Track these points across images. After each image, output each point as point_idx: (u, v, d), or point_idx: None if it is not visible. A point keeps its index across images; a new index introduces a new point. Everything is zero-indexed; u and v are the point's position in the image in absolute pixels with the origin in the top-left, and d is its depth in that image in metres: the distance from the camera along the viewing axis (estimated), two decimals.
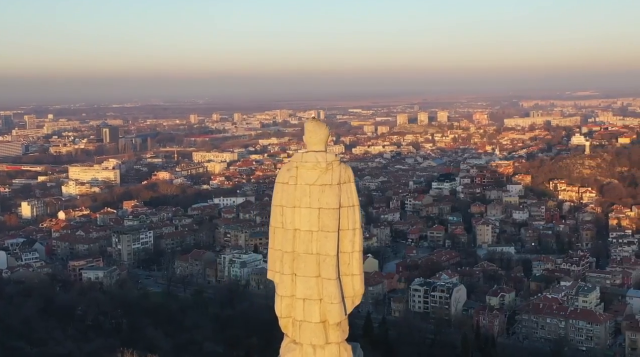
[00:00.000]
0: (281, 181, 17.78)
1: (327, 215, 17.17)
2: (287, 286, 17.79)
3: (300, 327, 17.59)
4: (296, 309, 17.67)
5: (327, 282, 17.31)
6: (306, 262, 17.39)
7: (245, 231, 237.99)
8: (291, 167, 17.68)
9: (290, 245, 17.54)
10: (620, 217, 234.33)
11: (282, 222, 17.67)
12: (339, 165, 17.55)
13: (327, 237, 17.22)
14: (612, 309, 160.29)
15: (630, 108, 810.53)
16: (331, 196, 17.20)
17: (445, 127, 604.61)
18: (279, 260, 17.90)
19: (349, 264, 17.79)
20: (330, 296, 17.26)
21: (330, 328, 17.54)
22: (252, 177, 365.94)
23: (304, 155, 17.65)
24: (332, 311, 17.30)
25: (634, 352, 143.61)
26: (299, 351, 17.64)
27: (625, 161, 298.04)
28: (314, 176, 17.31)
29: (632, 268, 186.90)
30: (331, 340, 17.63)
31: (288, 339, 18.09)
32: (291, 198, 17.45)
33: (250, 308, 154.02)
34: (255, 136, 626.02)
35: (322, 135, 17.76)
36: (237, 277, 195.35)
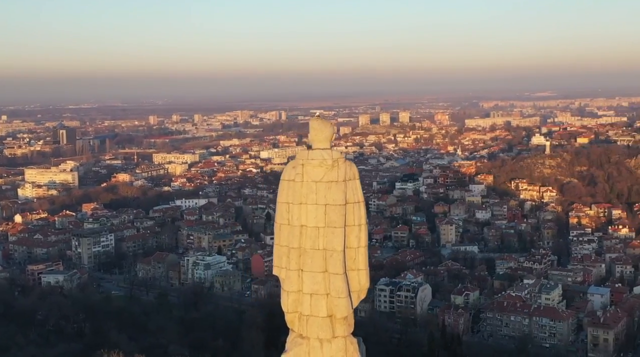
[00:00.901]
0: (287, 178, 18.09)
1: (334, 211, 17.40)
2: (293, 281, 17.94)
3: (307, 321, 17.79)
4: (303, 304, 17.82)
5: (335, 277, 17.52)
6: (313, 258, 17.58)
7: (208, 233, 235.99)
8: (297, 164, 17.99)
9: (297, 241, 17.80)
10: (580, 216, 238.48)
11: (288, 219, 18.02)
12: (344, 163, 17.80)
13: (334, 233, 17.42)
14: (574, 306, 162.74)
15: (588, 109, 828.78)
16: (337, 192, 17.45)
17: (407, 127, 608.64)
18: (285, 256, 18.15)
19: (355, 259, 18.01)
20: (338, 291, 17.49)
21: (337, 322, 17.77)
22: (214, 179, 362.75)
23: (310, 152, 17.93)
24: (340, 305, 17.56)
25: (595, 348, 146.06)
26: (306, 345, 17.85)
27: (584, 161, 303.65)
28: (321, 173, 17.59)
29: (592, 266, 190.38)
30: (338, 334, 17.84)
31: (294, 334, 18.23)
32: (297, 195, 17.76)
33: (215, 311, 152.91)
34: (217, 137, 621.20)
35: (327, 133, 18.12)
36: (201, 280, 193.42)
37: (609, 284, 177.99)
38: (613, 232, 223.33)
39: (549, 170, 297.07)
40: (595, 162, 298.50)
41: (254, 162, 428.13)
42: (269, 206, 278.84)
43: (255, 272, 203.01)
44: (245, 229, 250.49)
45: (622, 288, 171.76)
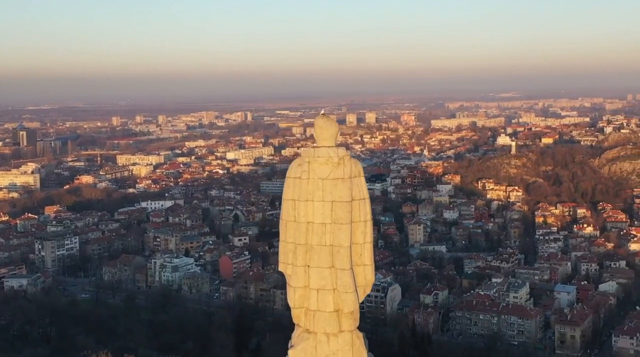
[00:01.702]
0: (293, 175, 18.22)
1: (341, 208, 17.63)
2: (300, 277, 18.12)
3: (314, 316, 18.01)
4: (310, 300, 18.03)
5: (342, 272, 17.73)
6: (320, 254, 17.79)
7: (175, 235, 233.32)
8: (302, 162, 18.23)
9: (304, 237, 17.91)
10: (546, 215, 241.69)
11: (294, 216, 18.04)
12: (349, 160, 18.08)
13: (341, 229, 17.65)
14: (541, 303, 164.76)
15: (552, 109, 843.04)
16: (344, 189, 17.71)
17: (373, 128, 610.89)
18: (291, 252, 18.22)
19: (361, 254, 18.34)
20: (345, 286, 17.70)
21: (344, 317, 17.99)
22: (179, 180, 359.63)
23: (316, 150, 18.11)
24: (347, 300, 17.75)
25: (562, 345, 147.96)
26: (313, 340, 18.08)
27: (549, 161, 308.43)
28: (327, 170, 17.80)
29: (558, 264, 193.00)
30: (344, 328, 18.07)
31: (301, 329, 18.50)
32: (304, 192, 17.88)
33: (184, 313, 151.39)
34: (182, 138, 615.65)
35: (332, 131, 18.24)
36: (169, 282, 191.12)
37: (575, 281, 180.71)
38: (578, 230, 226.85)
39: (515, 170, 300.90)
40: (560, 162, 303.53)
41: (220, 164, 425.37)
42: (237, 207, 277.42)
43: (224, 274, 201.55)
44: (213, 230, 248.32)
45: (588, 286, 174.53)
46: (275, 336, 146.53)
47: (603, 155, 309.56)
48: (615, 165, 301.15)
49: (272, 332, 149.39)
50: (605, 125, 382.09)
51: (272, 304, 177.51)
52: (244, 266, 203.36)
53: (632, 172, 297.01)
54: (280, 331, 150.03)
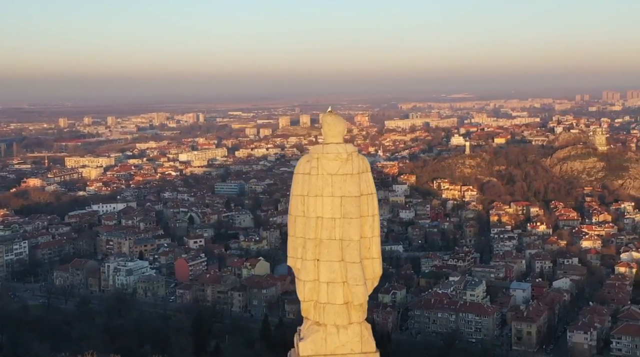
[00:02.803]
0: (301, 171, 18.55)
1: (350, 203, 18.10)
2: (310, 271, 18.53)
3: (324, 309, 18.40)
4: (320, 293, 18.42)
5: (351, 265, 18.13)
6: (330, 248, 18.18)
7: (129, 238, 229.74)
8: (311, 158, 18.47)
9: (313, 232, 18.32)
10: (500, 214, 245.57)
11: (303, 211, 18.47)
12: (357, 156, 18.49)
13: (351, 223, 18.08)
14: (497, 301, 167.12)
15: (503, 110, 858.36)
16: (352, 184, 18.18)
17: None
18: (300, 247, 18.71)
19: (369, 248, 18.74)
20: (355, 278, 18.13)
21: (354, 309, 18.45)
22: (131, 183, 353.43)
23: (324, 146, 18.43)
24: (357, 292, 18.21)
25: (519, 341, 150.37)
26: (323, 332, 18.45)
27: (502, 160, 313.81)
28: (336, 166, 18.17)
29: (513, 262, 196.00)
30: (353, 320, 18.52)
31: (310, 322, 18.83)
32: (313, 188, 18.28)
33: (140, 317, 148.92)
34: (132, 140, 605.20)
35: (340, 127, 18.63)
36: (124, 286, 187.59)
37: (530, 279, 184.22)
38: (532, 229, 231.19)
39: (469, 170, 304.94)
40: (513, 161, 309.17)
41: (172, 165, 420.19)
42: (191, 210, 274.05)
43: (180, 277, 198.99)
44: (168, 233, 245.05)
45: (543, 283, 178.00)
46: (234, 339, 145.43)
47: (554, 154, 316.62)
48: (567, 165, 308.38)
49: (231, 334, 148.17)
50: (556, 126, 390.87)
51: (229, 307, 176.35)
52: (200, 269, 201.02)
53: (582, 171, 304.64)
54: (239, 333, 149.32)
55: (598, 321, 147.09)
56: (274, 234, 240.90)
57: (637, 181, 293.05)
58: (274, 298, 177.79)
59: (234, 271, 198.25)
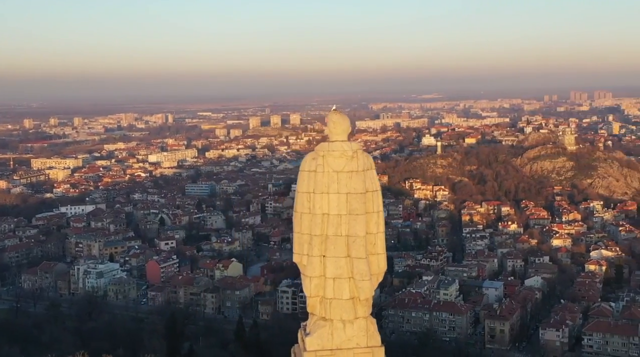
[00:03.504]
0: (307, 169, 18.84)
1: (356, 199, 18.46)
2: (316, 267, 18.75)
3: (331, 304, 18.69)
4: (326, 288, 18.72)
5: (358, 261, 18.48)
6: (336, 244, 18.50)
7: (99, 240, 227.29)
8: (317, 156, 18.80)
9: (319, 228, 18.57)
10: (472, 213, 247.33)
11: (309, 208, 18.72)
12: (362, 154, 18.90)
13: (357, 219, 18.43)
14: (470, 300, 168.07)
15: (472, 110, 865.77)
16: (358, 181, 18.56)
17: (299, 129, 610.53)
18: (306, 243, 18.85)
19: (374, 244, 19.05)
20: (362, 274, 18.46)
21: (360, 303, 18.76)
22: (100, 184, 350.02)
23: (330, 144, 18.77)
24: (364, 287, 18.53)
25: (493, 340, 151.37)
26: (329, 327, 18.76)
27: (473, 160, 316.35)
28: (342, 164, 18.54)
29: (485, 261, 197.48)
30: (359, 314, 18.86)
31: (315, 317, 19.11)
32: (319, 185, 18.59)
33: (112, 320, 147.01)
34: (100, 141, 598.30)
35: (345, 125, 19.10)
36: (94, 289, 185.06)
37: (502, 277, 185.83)
38: (503, 228, 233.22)
39: (441, 170, 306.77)
40: (484, 161, 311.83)
41: (142, 166, 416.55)
42: (162, 211, 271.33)
43: (151, 279, 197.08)
44: (138, 235, 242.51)
45: (514, 281, 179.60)
46: (208, 340, 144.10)
47: (525, 154, 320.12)
48: (537, 164, 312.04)
49: (205, 336, 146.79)
50: (525, 126, 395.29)
51: (202, 308, 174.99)
52: (172, 270, 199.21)
53: (552, 170, 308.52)
54: (213, 335, 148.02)
55: (569, 319, 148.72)
56: (246, 235, 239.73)
57: (606, 180, 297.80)
58: (248, 299, 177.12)
59: (206, 272, 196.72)
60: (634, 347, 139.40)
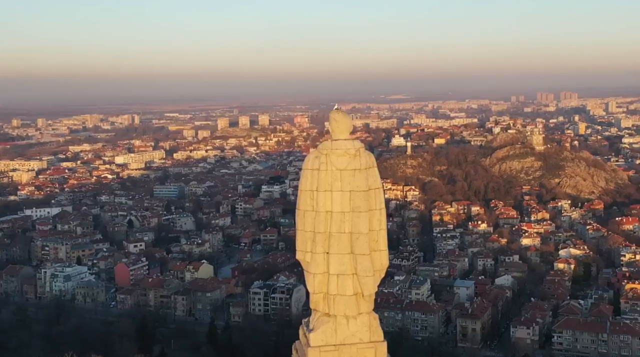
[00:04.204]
0: (310, 167, 19.11)
1: (359, 197, 18.79)
2: (319, 263, 18.99)
3: (334, 300, 18.94)
4: (330, 285, 18.94)
5: (361, 257, 18.79)
6: (339, 241, 18.76)
7: (65, 243, 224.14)
8: (320, 154, 19.09)
9: (323, 226, 18.84)
10: (442, 213, 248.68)
11: (312, 206, 19.04)
12: (364, 152, 19.28)
13: (360, 217, 18.75)
14: (442, 299, 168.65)
15: (441, 111, 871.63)
16: (361, 179, 18.92)
17: (268, 130, 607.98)
18: (309, 240, 19.10)
19: (377, 240, 19.38)
20: (365, 270, 18.79)
21: (363, 299, 19.11)
22: (65, 186, 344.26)
23: (333, 143, 19.04)
24: (367, 283, 18.86)
25: (464, 338, 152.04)
26: (333, 322, 19.00)
27: (443, 160, 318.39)
28: (345, 162, 18.85)
29: (456, 260, 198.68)
30: (362, 310, 19.21)
31: (319, 313, 19.32)
32: (323, 183, 18.86)
33: (82, 323, 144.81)
34: (65, 143, 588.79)
35: (347, 124, 19.52)
36: (62, 292, 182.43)
37: (473, 276, 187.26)
38: (473, 227, 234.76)
39: (411, 170, 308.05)
40: (453, 161, 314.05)
41: (109, 168, 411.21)
42: (130, 213, 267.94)
43: (120, 282, 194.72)
44: (106, 237, 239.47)
45: (485, 280, 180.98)
46: (180, 343, 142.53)
47: (493, 154, 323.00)
48: (505, 164, 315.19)
49: (176, 339, 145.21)
50: (493, 126, 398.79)
51: (173, 311, 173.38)
52: (142, 273, 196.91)
53: (520, 170, 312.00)
54: (184, 338, 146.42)
55: (539, 316, 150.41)
56: (216, 237, 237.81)
57: (573, 179, 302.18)
58: (219, 301, 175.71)
59: (176, 274, 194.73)
60: (603, 344, 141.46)
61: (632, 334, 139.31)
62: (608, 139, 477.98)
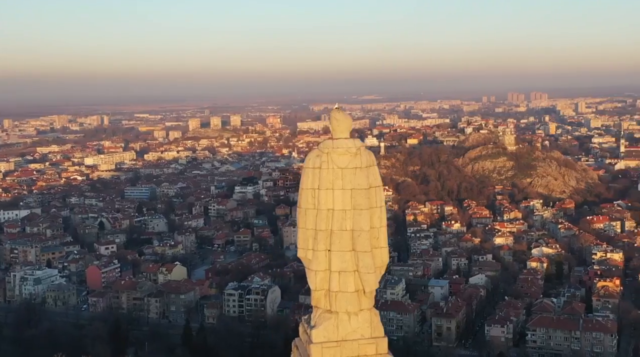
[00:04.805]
0: (311, 166, 19.41)
1: (360, 195, 19.05)
2: (321, 261, 19.27)
3: (336, 297, 19.22)
4: (331, 282, 19.24)
5: (363, 254, 19.05)
6: (341, 239, 19.06)
7: (35, 246, 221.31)
8: (321, 153, 19.38)
9: (324, 224, 19.12)
10: (416, 213, 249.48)
11: (314, 204, 19.30)
12: (365, 150, 19.50)
13: (361, 214, 19.02)
14: (417, 298, 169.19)
15: (413, 111, 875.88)
16: (362, 177, 19.14)
17: (240, 131, 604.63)
18: (311, 238, 19.36)
19: (377, 237, 19.58)
20: (367, 267, 19.06)
21: (364, 296, 19.31)
22: (34, 188, 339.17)
23: (334, 141, 19.36)
24: (369, 280, 19.11)
25: (439, 337, 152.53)
26: (335, 319, 19.26)
27: (416, 161, 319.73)
28: (346, 160, 19.13)
29: (430, 260, 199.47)
30: (364, 307, 19.41)
31: (320, 310, 19.63)
32: (324, 181, 19.17)
33: (54, 327, 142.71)
34: (32, 144, 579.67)
35: (348, 123, 19.80)
36: (32, 296, 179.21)
37: (447, 276, 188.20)
38: (447, 227, 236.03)
39: (385, 171, 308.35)
40: (426, 161, 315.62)
41: (78, 170, 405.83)
42: (101, 215, 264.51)
43: (91, 285, 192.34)
44: (77, 240, 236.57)
45: (459, 279, 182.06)
46: (154, 345, 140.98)
47: (466, 154, 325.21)
48: (478, 164, 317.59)
49: (150, 341, 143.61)
50: (466, 126, 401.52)
51: (146, 313, 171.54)
52: (114, 275, 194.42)
53: (493, 170, 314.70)
54: (158, 340, 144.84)
55: (513, 315, 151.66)
56: (189, 238, 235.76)
57: (545, 179, 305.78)
58: (193, 303, 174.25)
59: (149, 276, 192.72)
60: (576, 341, 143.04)
61: (604, 331, 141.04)
62: (578, 139, 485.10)
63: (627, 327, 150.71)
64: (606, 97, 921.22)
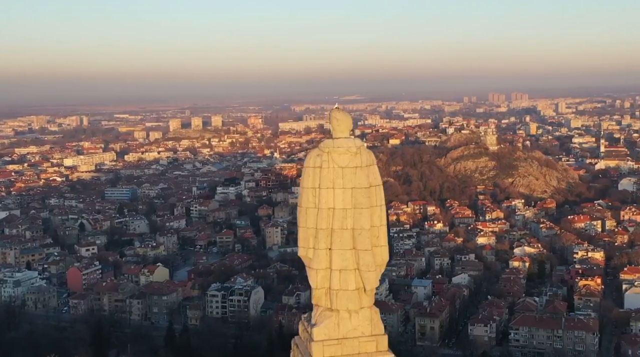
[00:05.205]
0: (312, 165, 19.54)
1: (361, 194, 19.26)
2: (322, 259, 19.42)
3: (337, 295, 19.37)
4: (332, 280, 19.38)
5: (364, 253, 19.21)
6: (342, 237, 19.24)
7: (14, 248, 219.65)
8: (321, 152, 19.55)
9: (325, 222, 19.29)
10: (399, 213, 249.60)
11: (314, 203, 19.45)
12: (365, 150, 19.77)
13: (362, 213, 19.21)
14: (400, 298, 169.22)
15: (395, 111, 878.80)
16: (362, 176, 19.35)
17: (221, 131, 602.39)
18: (312, 237, 19.52)
19: (378, 236, 19.76)
20: (367, 265, 19.22)
21: (365, 294, 19.48)
22: (12, 190, 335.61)
23: (335, 141, 19.58)
24: (370, 278, 19.27)
25: (423, 337, 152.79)
26: (335, 317, 19.43)
27: (399, 161, 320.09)
28: (346, 160, 19.34)
29: (413, 260, 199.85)
30: (364, 304, 19.57)
31: (321, 308, 19.77)
32: (324, 180, 19.32)
33: (34, 330, 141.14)
34: (10, 145, 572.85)
35: (348, 123, 20.03)
36: (11, 298, 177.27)
37: (430, 276, 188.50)
38: (429, 227, 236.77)
39: None
40: (409, 162, 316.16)
41: (57, 171, 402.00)
42: (81, 216, 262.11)
43: (72, 287, 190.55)
44: (57, 241, 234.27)
45: (442, 279, 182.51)
46: (137, 347, 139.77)
47: (448, 154, 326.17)
48: (460, 164, 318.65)
49: (133, 343, 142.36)
50: (447, 126, 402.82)
51: (128, 315, 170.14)
52: (95, 277, 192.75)
53: (475, 170, 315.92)
54: (141, 342, 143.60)
55: (496, 314, 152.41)
56: (171, 239, 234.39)
57: (526, 178, 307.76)
58: (175, 305, 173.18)
59: (131, 278, 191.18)
60: (558, 339, 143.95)
61: (585, 329, 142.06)
62: (559, 139, 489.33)
63: (609, 325, 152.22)
64: (586, 98, 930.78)
